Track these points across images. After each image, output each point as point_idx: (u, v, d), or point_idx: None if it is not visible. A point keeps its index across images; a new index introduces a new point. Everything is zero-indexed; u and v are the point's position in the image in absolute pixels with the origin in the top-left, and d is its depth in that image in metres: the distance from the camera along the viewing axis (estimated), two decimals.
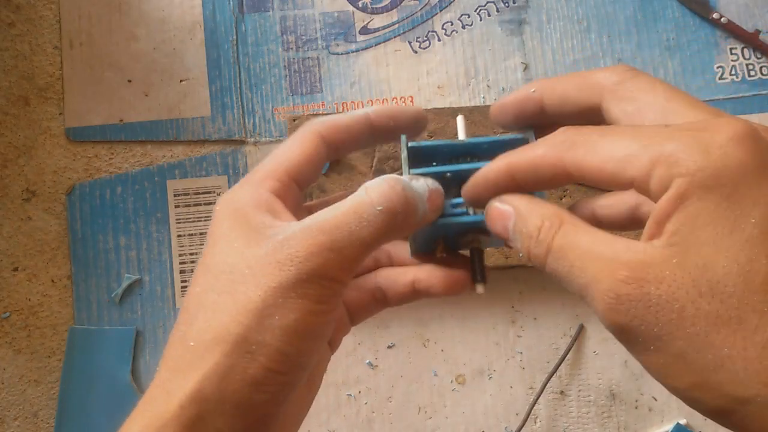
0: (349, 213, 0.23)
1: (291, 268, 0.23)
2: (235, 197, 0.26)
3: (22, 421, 0.50)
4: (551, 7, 0.54)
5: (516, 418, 0.51)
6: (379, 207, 0.24)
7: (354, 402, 0.51)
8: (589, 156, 0.22)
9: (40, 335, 0.50)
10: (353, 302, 0.29)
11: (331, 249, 0.23)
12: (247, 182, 0.27)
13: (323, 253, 0.23)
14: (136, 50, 0.53)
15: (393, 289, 0.29)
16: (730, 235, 0.19)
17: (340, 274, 0.23)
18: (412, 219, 0.25)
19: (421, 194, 0.25)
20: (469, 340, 0.51)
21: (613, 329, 0.21)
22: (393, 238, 0.25)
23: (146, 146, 0.52)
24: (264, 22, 0.54)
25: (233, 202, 0.26)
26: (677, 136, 0.20)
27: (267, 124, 0.53)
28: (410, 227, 0.25)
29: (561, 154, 0.22)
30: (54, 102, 0.52)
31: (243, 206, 0.25)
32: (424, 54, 0.54)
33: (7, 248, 0.51)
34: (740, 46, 0.54)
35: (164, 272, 0.51)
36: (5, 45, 0.53)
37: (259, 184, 0.26)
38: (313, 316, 0.23)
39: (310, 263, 0.23)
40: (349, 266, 0.24)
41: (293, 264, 0.23)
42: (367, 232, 0.23)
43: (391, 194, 0.24)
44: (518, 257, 0.48)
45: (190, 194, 0.52)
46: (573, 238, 0.22)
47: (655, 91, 0.23)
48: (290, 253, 0.23)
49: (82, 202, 0.52)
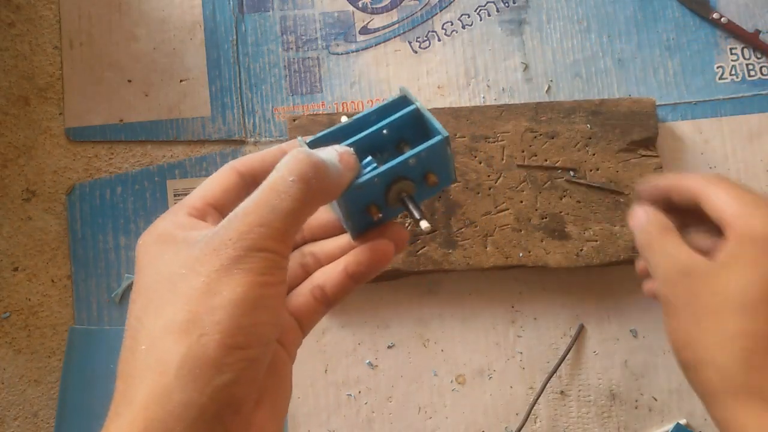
0: (266, 191, 0.25)
1: (228, 249, 0.24)
2: (155, 227, 0.27)
3: (22, 421, 0.50)
4: (551, 7, 0.54)
5: (516, 418, 0.51)
6: (291, 178, 0.25)
7: (354, 402, 0.51)
8: (715, 194, 0.34)
9: (40, 335, 0.50)
10: (297, 309, 0.30)
11: (260, 224, 0.24)
12: (164, 215, 0.28)
13: (254, 230, 0.24)
14: (136, 50, 0.53)
15: (330, 283, 0.30)
16: (747, 269, 0.31)
17: (274, 244, 0.25)
18: (327, 181, 0.26)
19: (331, 158, 0.27)
20: (469, 340, 0.51)
21: (660, 294, 0.35)
22: (317, 202, 0.26)
23: (146, 146, 0.52)
24: (264, 22, 0.54)
25: (154, 230, 0.27)
26: (761, 209, 0.33)
27: (267, 124, 0.53)
28: (330, 190, 0.27)
29: (702, 185, 0.35)
30: (54, 102, 0.52)
31: (165, 231, 0.26)
32: (424, 54, 0.54)
33: (7, 248, 0.51)
34: (740, 46, 0.54)
35: None
36: (5, 45, 0.53)
37: (176, 212, 0.27)
38: (259, 286, 0.24)
39: (245, 240, 0.24)
40: (281, 237, 0.25)
41: (228, 246, 0.24)
42: (287, 203, 0.25)
43: (298, 163, 0.26)
44: (518, 257, 0.49)
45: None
46: (667, 242, 0.35)
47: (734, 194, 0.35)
48: (223, 239, 0.24)
49: (82, 202, 0.52)
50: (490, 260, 0.49)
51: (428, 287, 0.51)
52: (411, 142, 0.30)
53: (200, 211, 0.28)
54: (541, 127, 0.50)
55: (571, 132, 0.50)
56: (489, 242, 0.49)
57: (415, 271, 0.49)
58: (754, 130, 0.53)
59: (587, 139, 0.50)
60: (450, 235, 0.49)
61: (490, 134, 0.50)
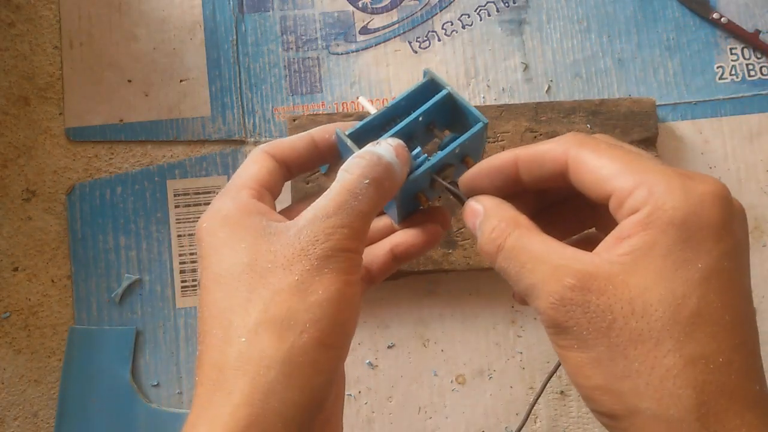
0: (343, 193, 0.26)
1: (316, 250, 0.25)
2: (218, 210, 0.27)
3: (22, 421, 0.50)
4: (551, 7, 0.54)
5: (516, 418, 0.51)
6: (365, 181, 0.26)
7: (354, 402, 0.51)
8: (590, 156, 0.25)
9: (40, 335, 0.50)
10: None
11: (342, 226, 0.25)
12: (221, 196, 0.28)
13: (337, 231, 0.25)
14: (136, 50, 0.53)
15: (375, 263, 0.31)
16: (675, 270, 0.22)
17: (355, 244, 0.26)
18: (395, 179, 0.27)
19: (391, 154, 0.27)
20: (469, 340, 0.51)
21: (548, 323, 0.24)
22: (384, 201, 0.27)
23: (146, 146, 0.52)
24: (264, 22, 0.54)
25: (217, 213, 0.27)
26: (667, 173, 0.23)
27: (267, 124, 0.53)
28: (395, 187, 0.28)
29: (568, 148, 0.25)
30: (54, 102, 0.52)
31: (231, 214, 0.27)
32: (424, 54, 0.54)
33: (7, 248, 0.51)
34: (740, 46, 0.54)
35: (164, 272, 0.51)
36: (5, 45, 0.53)
37: (236, 194, 0.28)
38: (349, 285, 0.25)
39: (331, 242, 0.25)
40: (360, 237, 0.26)
41: (317, 247, 0.25)
42: (363, 204, 0.26)
43: (372, 166, 0.27)
44: None
45: (190, 194, 0.52)
46: (526, 242, 0.25)
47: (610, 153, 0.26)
48: (310, 240, 0.25)
49: (82, 202, 0.52)
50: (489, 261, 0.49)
51: (428, 287, 0.51)
52: (440, 124, 0.32)
53: (258, 192, 0.28)
54: (541, 127, 0.50)
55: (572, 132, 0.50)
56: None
57: (415, 271, 0.49)
58: (754, 130, 0.53)
59: None
60: (450, 235, 0.49)
61: (490, 134, 0.50)
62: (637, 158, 0.24)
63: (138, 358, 0.50)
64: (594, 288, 0.22)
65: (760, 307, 0.52)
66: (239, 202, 0.27)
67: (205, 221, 0.27)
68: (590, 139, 0.26)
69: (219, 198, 0.28)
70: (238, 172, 0.29)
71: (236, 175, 0.29)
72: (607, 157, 0.24)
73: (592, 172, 0.24)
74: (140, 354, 0.50)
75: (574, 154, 0.25)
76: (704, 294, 0.22)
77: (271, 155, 0.29)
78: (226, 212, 0.27)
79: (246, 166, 0.29)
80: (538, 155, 0.26)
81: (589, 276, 0.23)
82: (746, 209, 0.24)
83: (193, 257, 0.51)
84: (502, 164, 0.28)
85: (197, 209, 0.52)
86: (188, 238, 0.51)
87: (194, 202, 0.52)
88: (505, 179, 0.28)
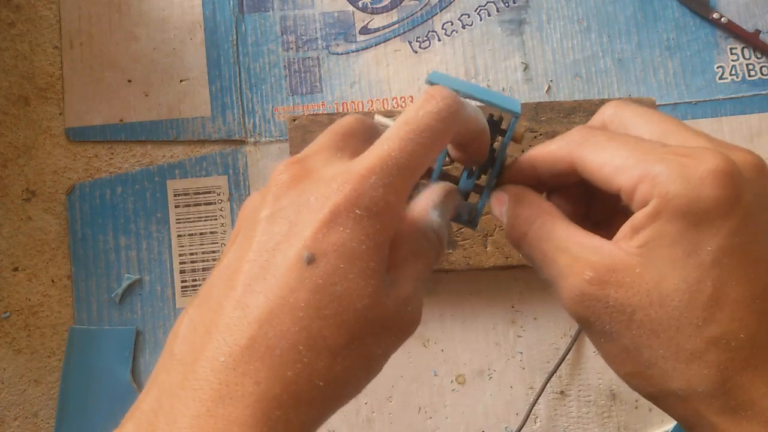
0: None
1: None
2: None
3: (22, 421, 0.50)
4: (551, 7, 0.54)
5: (516, 418, 0.51)
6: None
7: (354, 402, 0.50)
8: (592, 156, 0.25)
9: (40, 335, 0.50)
10: None
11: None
12: None
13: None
14: (136, 50, 0.53)
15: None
16: (687, 257, 0.22)
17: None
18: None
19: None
20: (469, 340, 0.51)
21: (574, 317, 0.24)
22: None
23: (146, 146, 0.52)
24: (264, 22, 0.54)
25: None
26: (667, 160, 0.23)
27: (267, 124, 0.53)
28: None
29: (571, 148, 0.26)
30: (54, 102, 0.52)
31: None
32: (424, 54, 0.54)
33: (7, 248, 0.51)
34: (740, 46, 0.54)
35: (164, 272, 0.51)
36: (5, 45, 0.53)
37: None
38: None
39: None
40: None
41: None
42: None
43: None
44: (518, 257, 0.48)
45: (190, 194, 0.52)
46: (549, 230, 0.25)
47: (649, 116, 0.26)
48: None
49: (82, 202, 0.52)
50: (490, 260, 0.49)
51: (428, 287, 0.51)
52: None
53: None
54: (541, 127, 0.50)
55: None
56: (489, 242, 0.49)
57: None
58: (754, 130, 0.53)
59: None
60: (450, 235, 0.49)
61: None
62: (637, 146, 0.24)
63: (138, 358, 0.50)
64: (612, 281, 0.23)
65: None
66: None
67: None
68: (591, 134, 0.26)
69: None
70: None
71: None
72: (609, 153, 0.24)
73: (597, 172, 0.25)
74: (140, 354, 0.50)
75: (577, 155, 0.25)
76: (719, 275, 0.22)
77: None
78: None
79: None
80: (547, 158, 0.27)
81: (607, 269, 0.23)
82: None
83: (193, 257, 0.51)
84: (523, 168, 0.28)
85: (197, 209, 0.52)
86: (188, 238, 0.51)
87: (194, 202, 0.52)
88: (532, 179, 0.28)
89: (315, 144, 0.26)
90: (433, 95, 0.24)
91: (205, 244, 0.51)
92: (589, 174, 0.25)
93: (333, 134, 0.26)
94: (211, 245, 0.51)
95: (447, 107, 0.24)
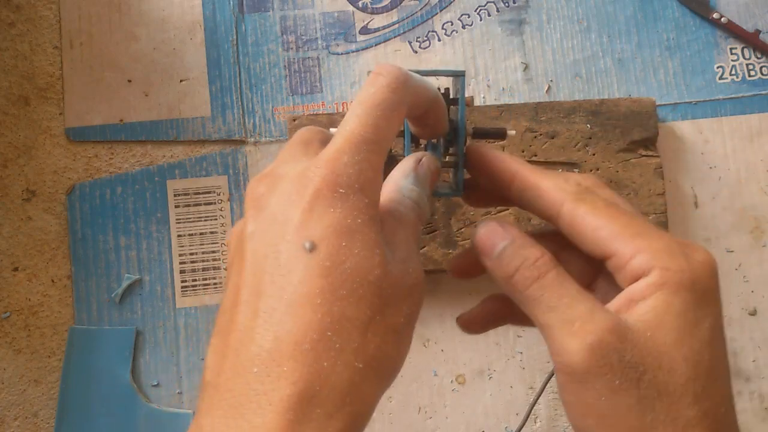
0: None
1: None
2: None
3: (22, 421, 0.50)
4: (551, 7, 0.54)
5: (516, 418, 0.51)
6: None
7: None
8: (587, 216, 0.26)
9: (40, 335, 0.50)
10: None
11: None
12: None
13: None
14: (136, 50, 0.53)
15: None
16: (692, 329, 0.24)
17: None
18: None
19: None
20: (469, 340, 0.51)
21: (579, 367, 0.24)
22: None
23: (146, 146, 0.52)
24: (264, 22, 0.54)
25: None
26: (665, 239, 0.25)
27: (267, 124, 0.53)
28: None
29: (565, 198, 0.26)
30: (54, 102, 0.52)
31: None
32: (424, 54, 0.54)
33: (7, 248, 0.51)
34: (740, 46, 0.54)
35: (164, 272, 0.51)
36: (5, 45, 0.53)
37: None
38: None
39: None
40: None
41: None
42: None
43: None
44: None
45: (190, 194, 0.52)
46: (567, 279, 0.25)
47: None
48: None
49: (82, 202, 0.52)
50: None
51: (428, 287, 0.51)
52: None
53: None
54: (541, 127, 0.50)
55: (571, 132, 0.50)
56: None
57: None
58: (754, 130, 0.53)
59: (587, 139, 0.50)
60: (450, 235, 0.49)
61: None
62: (632, 220, 0.25)
63: (138, 358, 0.50)
64: (629, 337, 0.23)
65: (760, 306, 0.52)
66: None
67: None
68: (588, 194, 0.26)
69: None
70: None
71: None
72: (605, 218, 0.25)
73: (591, 233, 0.25)
74: (140, 354, 0.50)
75: (570, 209, 0.26)
76: (713, 351, 0.24)
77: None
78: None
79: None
80: (536, 191, 0.27)
81: (624, 326, 0.24)
82: (746, 209, 0.27)
83: (193, 257, 0.51)
84: (502, 168, 0.28)
85: (197, 209, 0.52)
86: (188, 238, 0.51)
87: (194, 202, 0.52)
88: (498, 180, 0.29)
89: (278, 157, 0.26)
90: (379, 72, 0.25)
91: (205, 244, 0.51)
92: (579, 231, 0.26)
93: (293, 144, 0.27)
94: (211, 245, 0.51)
95: (395, 78, 0.24)
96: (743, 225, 0.52)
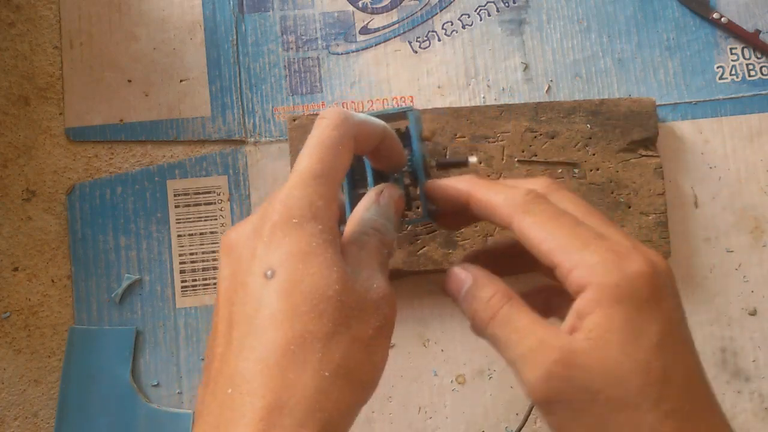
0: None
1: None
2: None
3: (22, 421, 0.50)
4: (551, 7, 0.54)
5: (516, 418, 0.51)
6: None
7: None
8: (532, 229, 0.27)
9: (40, 335, 0.50)
10: None
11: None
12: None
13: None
14: (136, 50, 0.53)
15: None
16: (635, 341, 0.24)
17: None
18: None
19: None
20: (469, 340, 0.51)
21: (539, 398, 0.25)
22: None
23: (146, 146, 0.52)
24: (264, 22, 0.54)
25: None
26: (601, 253, 0.25)
27: (267, 124, 0.53)
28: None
29: (513, 213, 0.28)
30: (54, 102, 0.52)
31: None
32: (424, 54, 0.54)
33: (7, 248, 0.51)
34: (740, 46, 0.54)
35: (164, 272, 0.51)
36: (5, 45, 0.53)
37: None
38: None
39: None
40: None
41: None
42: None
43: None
44: None
45: (190, 194, 0.52)
46: (517, 313, 0.27)
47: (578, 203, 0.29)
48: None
49: (82, 202, 0.52)
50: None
51: (428, 287, 0.51)
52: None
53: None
54: (541, 127, 0.50)
55: (571, 132, 0.50)
56: (489, 242, 0.49)
57: (415, 271, 0.49)
58: (754, 130, 0.53)
59: (587, 139, 0.50)
60: (450, 235, 0.49)
61: (490, 134, 0.50)
62: (575, 230, 0.26)
63: (138, 358, 0.50)
64: (576, 363, 0.25)
65: (760, 306, 0.52)
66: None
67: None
68: (537, 204, 0.28)
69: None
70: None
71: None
72: (549, 229, 0.27)
73: (537, 245, 0.27)
74: (140, 354, 0.50)
75: (517, 221, 0.27)
76: (662, 357, 0.25)
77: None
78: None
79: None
80: (489, 208, 0.29)
81: (572, 352, 0.25)
82: (746, 209, 0.27)
83: (193, 257, 0.51)
84: (456, 194, 0.30)
85: (197, 209, 0.52)
86: (188, 238, 0.51)
87: (194, 202, 0.52)
88: (457, 205, 0.31)
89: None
90: (323, 116, 0.28)
91: (205, 244, 0.51)
92: (526, 242, 0.27)
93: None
94: (211, 245, 0.51)
95: (337, 117, 0.28)
96: (743, 225, 0.52)
